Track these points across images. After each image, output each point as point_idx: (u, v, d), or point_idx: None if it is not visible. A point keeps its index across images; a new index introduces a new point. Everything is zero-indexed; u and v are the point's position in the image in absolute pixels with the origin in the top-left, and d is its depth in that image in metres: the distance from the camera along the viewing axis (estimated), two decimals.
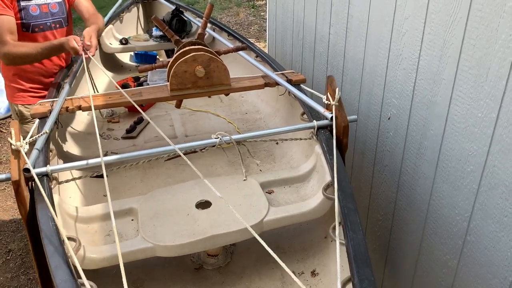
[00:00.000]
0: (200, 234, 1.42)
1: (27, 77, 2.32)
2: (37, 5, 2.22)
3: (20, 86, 2.33)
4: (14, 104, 2.37)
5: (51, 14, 2.29)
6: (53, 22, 2.30)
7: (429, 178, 1.72)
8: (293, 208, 1.57)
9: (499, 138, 1.36)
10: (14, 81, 2.33)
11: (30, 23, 2.20)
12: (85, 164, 1.51)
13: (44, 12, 2.25)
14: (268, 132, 1.71)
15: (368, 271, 1.06)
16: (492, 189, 1.42)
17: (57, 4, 2.32)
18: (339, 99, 1.62)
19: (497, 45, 1.32)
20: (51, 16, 2.29)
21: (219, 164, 2.02)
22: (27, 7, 2.18)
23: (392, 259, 2.08)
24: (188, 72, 1.85)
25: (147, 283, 1.58)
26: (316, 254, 1.60)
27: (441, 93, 1.59)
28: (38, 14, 2.22)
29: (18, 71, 2.29)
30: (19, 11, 2.15)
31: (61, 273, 1.06)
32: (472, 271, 1.56)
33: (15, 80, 2.32)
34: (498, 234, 1.42)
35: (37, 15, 2.22)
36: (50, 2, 2.28)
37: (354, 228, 1.19)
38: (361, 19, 2.06)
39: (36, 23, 2.22)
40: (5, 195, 3.43)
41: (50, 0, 2.28)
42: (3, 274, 2.71)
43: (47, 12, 2.27)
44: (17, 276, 2.70)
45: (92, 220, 1.55)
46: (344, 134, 1.61)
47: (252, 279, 1.58)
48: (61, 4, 2.34)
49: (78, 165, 1.53)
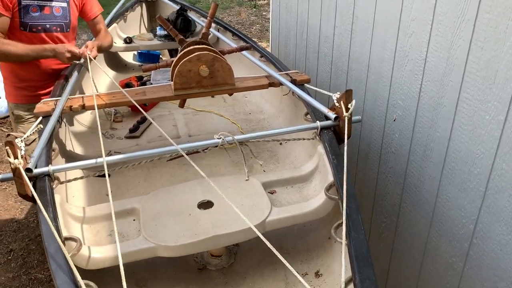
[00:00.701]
0: (202, 235, 1.42)
1: (22, 76, 2.31)
2: (39, 6, 2.21)
3: (16, 84, 2.33)
4: (10, 103, 2.38)
5: (53, 17, 2.28)
6: (53, 25, 2.29)
7: (435, 180, 1.71)
8: (295, 208, 1.56)
9: (507, 140, 1.35)
10: (10, 80, 2.33)
11: (28, 23, 2.19)
12: (88, 163, 1.50)
13: (45, 13, 2.24)
14: (271, 133, 1.71)
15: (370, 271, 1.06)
16: (499, 191, 1.41)
17: (61, 8, 2.32)
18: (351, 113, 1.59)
19: (506, 47, 1.31)
20: (53, 19, 2.29)
21: (222, 164, 2.01)
22: (27, 6, 2.17)
23: (397, 261, 2.07)
24: (192, 72, 1.84)
25: (150, 282, 1.57)
26: (320, 255, 1.59)
27: (448, 95, 1.58)
28: (38, 15, 2.22)
29: (14, 69, 2.28)
30: (19, 10, 2.14)
31: (61, 274, 1.06)
32: (478, 274, 1.55)
33: (11, 78, 2.32)
34: (505, 237, 1.41)
35: (37, 15, 2.21)
36: (54, 5, 2.28)
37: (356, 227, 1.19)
38: (367, 20, 2.06)
39: (34, 24, 2.21)
40: (6, 194, 3.42)
41: (55, 4, 2.28)
42: (5, 274, 2.71)
43: (50, 14, 2.26)
44: (19, 276, 2.69)
45: (94, 220, 1.54)
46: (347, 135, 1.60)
47: (255, 280, 1.58)
48: (65, 9, 2.34)
49: (80, 165, 1.52)
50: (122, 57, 3.56)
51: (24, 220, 3.16)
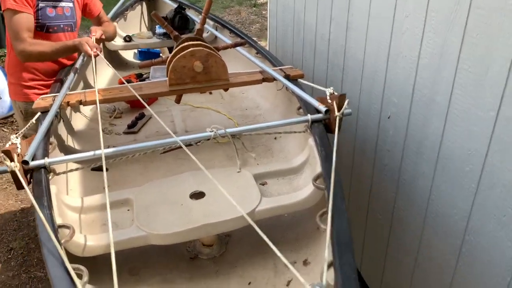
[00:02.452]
0: (194, 223, 1.45)
1: (31, 74, 2.34)
2: (54, 7, 2.26)
3: (25, 82, 2.34)
4: (19, 102, 2.39)
5: (65, 17, 2.34)
6: (65, 25, 2.35)
7: (429, 177, 1.71)
8: (284, 199, 1.60)
9: (498, 137, 1.35)
10: (18, 78, 2.34)
11: (45, 24, 2.23)
12: (84, 156, 1.54)
13: (59, 14, 2.30)
14: (262, 126, 1.73)
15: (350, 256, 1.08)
16: (491, 188, 1.41)
17: (70, 9, 2.37)
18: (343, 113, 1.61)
19: (498, 43, 1.31)
20: (65, 19, 2.34)
21: (217, 158, 2.03)
22: (44, 7, 2.21)
23: (391, 258, 2.07)
24: (187, 67, 1.86)
25: (143, 271, 1.61)
26: (309, 244, 1.62)
27: (441, 92, 1.58)
28: (54, 15, 2.27)
29: (23, 68, 2.31)
30: (36, 10, 2.18)
31: (52, 259, 1.08)
32: (471, 270, 1.55)
33: (19, 77, 2.33)
34: (497, 233, 1.41)
35: (52, 16, 2.26)
36: (64, 6, 2.33)
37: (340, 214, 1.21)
38: (362, 17, 2.06)
39: (50, 24, 2.26)
40: (7, 193, 3.44)
41: (65, 4, 2.33)
42: (5, 272, 2.72)
43: (62, 15, 2.32)
44: (19, 274, 2.71)
45: (89, 210, 1.58)
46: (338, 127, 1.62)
47: (245, 268, 1.61)
48: (72, 9, 2.39)
49: (75, 158, 1.56)
50: (123, 56, 3.59)
51: (24, 219, 3.18)
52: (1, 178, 3.58)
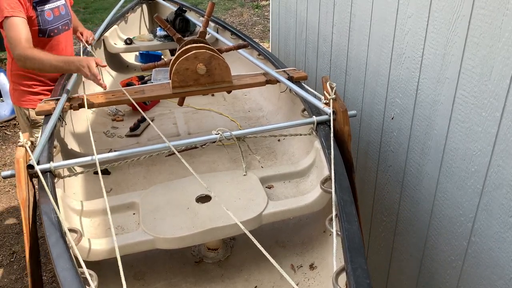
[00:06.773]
0: (200, 227, 1.45)
1: (38, 80, 2.29)
2: (50, 10, 2.23)
3: (30, 89, 2.28)
4: (24, 108, 2.31)
5: (61, 17, 2.30)
6: (63, 25, 2.31)
7: (433, 178, 1.70)
8: (291, 202, 1.59)
9: (503, 137, 1.34)
10: (23, 84, 2.28)
11: (47, 29, 2.20)
12: (86, 160, 1.54)
13: (56, 15, 2.26)
14: (267, 128, 1.73)
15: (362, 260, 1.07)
16: (496, 189, 1.40)
17: (63, 6, 2.33)
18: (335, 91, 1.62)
19: (501, 43, 1.30)
20: (62, 19, 2.31)
21: (221, 161, 2.03)
22: (42, 12, 2.17)
23: (396, 260, 2.06)
24: (190, 70, 1.86)
25: (148, 275, 1.61)
26: (315, 248, 1.62)
27: (445, 92, 1.57)
28: (52, 18, 2.23)
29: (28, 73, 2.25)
30: (36, 17, 2.13)
31: (62, 262, 1.08)
32: (477, 272, 1.54)
33: (24, 83, 2.27)
34: (503, 234, 1.40)
35: (51, 19, 2.23)
36: (59, 5, 2.29)
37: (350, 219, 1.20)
38: (364, 18, 2.05)
39: (51, 28, 2.23)
40: (10, 197, 3.44)
41: (59, 3, 2.29)
42: (7, 276, 2.72)
43: (59, 15, 2.28)
44: (21, 278, 2.70)
45: (94, 214, 1.58)
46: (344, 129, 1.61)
47: (251, 272, 1.60)
48: (65, 5, 2.36)
49: (80, 162, 1.56)
50: (124, 58, 3.58)
51: None
52: (4, 181, 3.58)
